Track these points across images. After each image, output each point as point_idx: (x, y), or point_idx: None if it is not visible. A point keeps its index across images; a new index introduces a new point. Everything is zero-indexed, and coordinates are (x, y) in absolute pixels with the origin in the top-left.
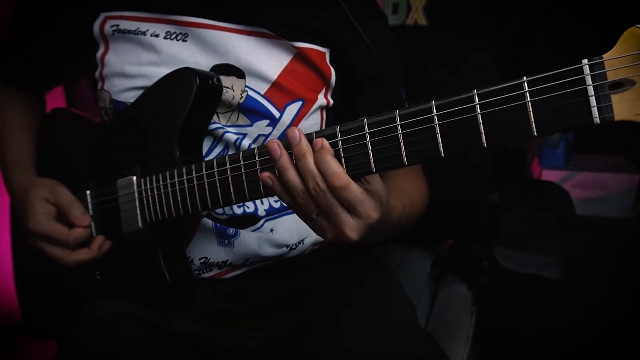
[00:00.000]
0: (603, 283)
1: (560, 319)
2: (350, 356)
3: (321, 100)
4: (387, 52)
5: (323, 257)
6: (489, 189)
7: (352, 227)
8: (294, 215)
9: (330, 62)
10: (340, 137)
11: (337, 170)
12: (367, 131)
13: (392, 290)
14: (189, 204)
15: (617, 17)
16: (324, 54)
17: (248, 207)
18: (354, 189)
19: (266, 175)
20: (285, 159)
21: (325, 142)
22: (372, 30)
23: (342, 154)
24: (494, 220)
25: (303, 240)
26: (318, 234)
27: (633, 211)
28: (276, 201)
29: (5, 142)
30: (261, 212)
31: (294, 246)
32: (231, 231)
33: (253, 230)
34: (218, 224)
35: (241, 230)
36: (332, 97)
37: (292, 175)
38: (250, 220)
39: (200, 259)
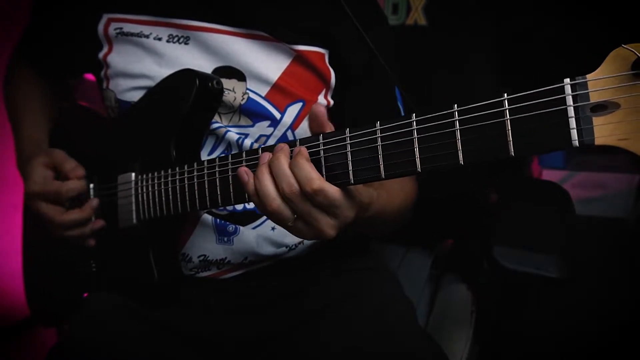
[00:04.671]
0: (603, 283)
1: (560, 319)
2: (348, 356)
3: (321, 101)
4: (385, 53)
5: (322, 257)
6: (488, 189)
7: (330, 226)
8: None
9: (329, 63)
10: (323, 144)
11: (311, 175)
12: (349, 142)
13: (391, 289)
14: (179, 203)
15: (617, 18)
16: (323, 55)
17: (248, 203)
18: (330, 192)
19: (244, 169)
20: (252, 180)
21: (303, 149)
22: (373, 31)
23: (324, 162)
24: (494, 219)
25: (303, 240)
26: (295, 236)
27: (633, 211)
28: None
29: (21, 120)
30: None
31: (294, 247)
32: (231, 228)
33: (254, 228)
34: (218, 220)
35: (241, 227)
36: (332, 98)
37: (265, 181)
38: (251, 216)
39: (199, 256)
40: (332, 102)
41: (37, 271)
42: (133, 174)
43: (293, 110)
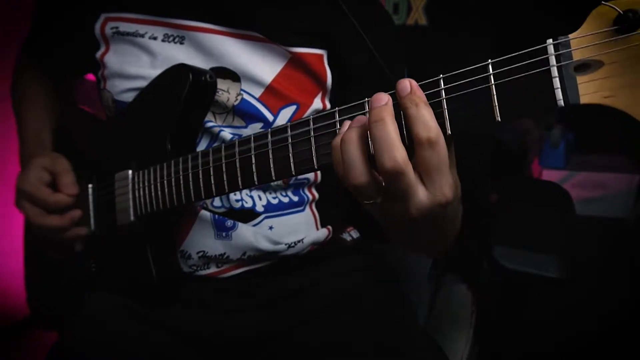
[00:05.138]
0: (603, 283)
1: (560, 319)
2: (348, 356)
3: (317, 104)
4: (387, 51)
5: (322, 256)
6: (488, 189)
7: (419, 203)
8: (295, 216)
9: (328, 64)
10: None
11: (430, 121)
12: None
13: (391, 289)
14: (174, 195)
15: None
16: (321, 56)
17: (246, 202)
18: (442, 147)
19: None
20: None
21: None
22: (373, 30)
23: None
24: (494, 219)
25: (302, 239)
26: (371, 212)
27: (633, 211)
28: (274, 198)
29: (26, 118)
30: (259, 208)
31: (293, 244)
32: (229, 223)
33: (253, 226)
34: (216, 216)
35: (239, 223)
36: (330, 101)
37: (352, 150)
38: (249, 215)
39: (197, 252)
40: (328, 105)
41: (37, 271)
42: (130, 172)
43: (286, 113)
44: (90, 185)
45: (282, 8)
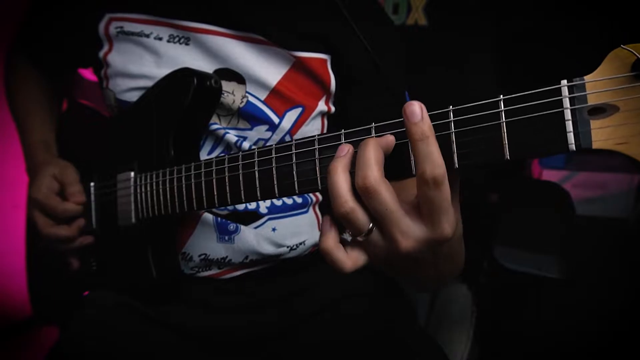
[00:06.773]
0: (603, 283)
1: (560, 319)
2: (348, 356)
3: (321, 106)
4: (389, 56)
5: (322, 257)
6: (488, 189)
7: (415, 236)
8: (299, 217)
9: (331, 68)
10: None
11: (439, 159)
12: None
13: (391, 290)
14: (176, 203)
15: (617, 18)
16: (325, 60)
17: (250, 204)
18: (447, 186)
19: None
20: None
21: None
22: (374, 34)
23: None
24: (494, 220)
25: (304, 241)
26: (367, 252)
27: (633, 211)
28: (278, 199)
29: (28, 121)
30: (263, 210)
31: (295, 247)
32: (232, 227)
33: (255, 227)
34: (219, 219)
35: (242, 226)
36: (335, 104)
37: (339, 178)
38: (252, 217)
39: (199, 255)
40: (333, 108)
41: (39, 270)
42: (132, 173)
43: (292, 116)
44: (92, 184)
45: (283, 12)
